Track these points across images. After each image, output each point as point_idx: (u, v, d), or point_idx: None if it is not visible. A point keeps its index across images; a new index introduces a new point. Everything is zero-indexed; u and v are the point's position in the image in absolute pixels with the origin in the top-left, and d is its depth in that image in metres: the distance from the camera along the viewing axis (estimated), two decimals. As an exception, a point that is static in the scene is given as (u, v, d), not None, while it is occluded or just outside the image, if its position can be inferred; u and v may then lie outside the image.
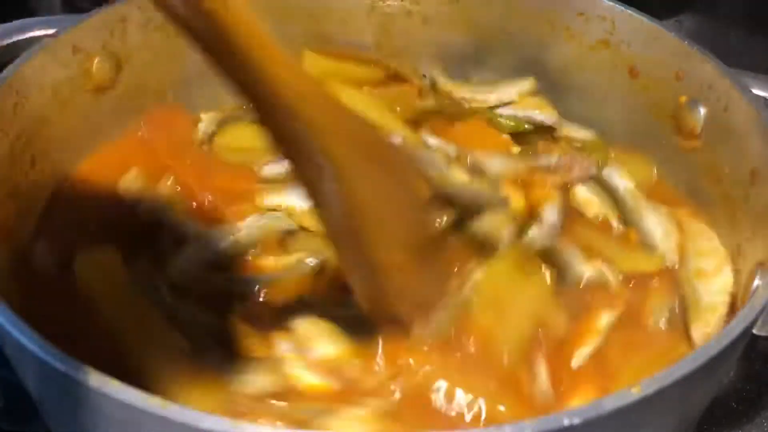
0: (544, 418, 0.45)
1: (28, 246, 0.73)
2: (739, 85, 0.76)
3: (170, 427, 0.45)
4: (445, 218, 0.71)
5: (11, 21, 0.79)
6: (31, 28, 0.78)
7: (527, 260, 0.70)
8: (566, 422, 0.45)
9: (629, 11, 0.87)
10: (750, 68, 0.79)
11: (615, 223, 0.80)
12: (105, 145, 0.85)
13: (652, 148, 0.88)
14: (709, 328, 0.67)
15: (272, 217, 0.76)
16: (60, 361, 0.47)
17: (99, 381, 0.46)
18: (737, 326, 0.52)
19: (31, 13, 0.85)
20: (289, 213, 0.75)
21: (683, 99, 0.83)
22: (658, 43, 0.85)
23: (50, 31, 0.77)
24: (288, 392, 0.59)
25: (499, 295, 0.66)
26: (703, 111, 0.81)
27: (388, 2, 1.00)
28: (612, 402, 0.46)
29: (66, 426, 0.57)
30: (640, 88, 0.89)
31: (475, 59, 1.00)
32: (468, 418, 0.57)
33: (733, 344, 0.52)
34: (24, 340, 0.49)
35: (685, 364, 0.49)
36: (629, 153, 0.89)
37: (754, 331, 0.66)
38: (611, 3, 0.89)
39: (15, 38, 0.78)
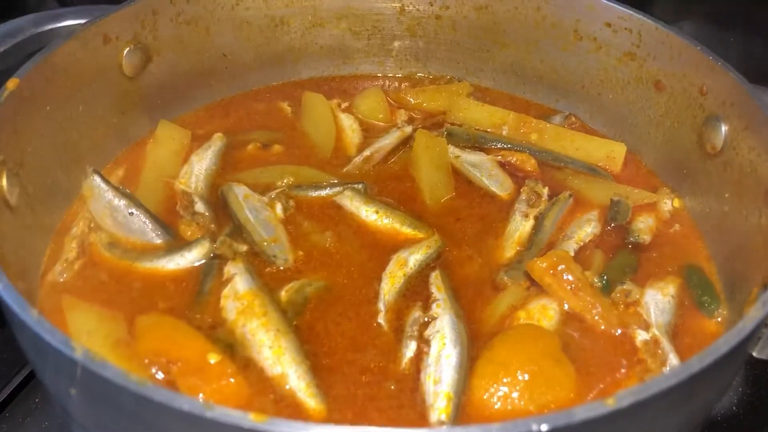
0: (511, 423, 0.45)
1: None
2: (761, 103, 0.74)
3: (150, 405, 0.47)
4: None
5: (45, 10, 0.82)
6: (63, 18, 0.81)
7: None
8: (534, 428, 0.45)
9: (655, 24, 0.86)
10: (748, 72, 0.77)
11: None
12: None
13: (676, 163, 0.88)
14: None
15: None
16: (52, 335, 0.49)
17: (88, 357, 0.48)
18: (723, 345, 0.51)
19: (65, 3, 0.87)
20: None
21: (707, 116, 0.82)
22: (682, 56, 0.84)
23: (82, 21, 0.79)
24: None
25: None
26: (724, 128, 0.79)
27: (418, 6, 1.01)
28: (583, 412, 0.46)
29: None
30: (665, 103, 0.88)
31: (500, 65, 1.00)
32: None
33: (719, 364, 0.51)
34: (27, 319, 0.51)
35: (664, 379, 0.48)
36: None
37: (754, 353, 0.64)
38: (638, 15, 0.88)
39: (48, 26, 0.81)
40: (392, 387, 0.65)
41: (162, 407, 0.46)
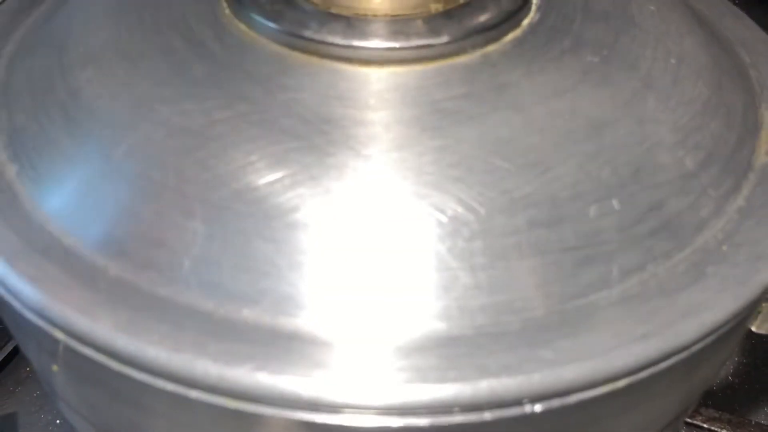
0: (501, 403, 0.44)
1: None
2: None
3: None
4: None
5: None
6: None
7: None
8: (527, 409, 0.44)
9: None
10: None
11: None
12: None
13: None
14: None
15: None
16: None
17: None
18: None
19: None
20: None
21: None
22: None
23: None
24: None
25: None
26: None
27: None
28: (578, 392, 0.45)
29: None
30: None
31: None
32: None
33: (718, 341, 0.50)
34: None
35: (662, 357, 0.47)
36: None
37: (753, 328, 0.63)
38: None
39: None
40: None
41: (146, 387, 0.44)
